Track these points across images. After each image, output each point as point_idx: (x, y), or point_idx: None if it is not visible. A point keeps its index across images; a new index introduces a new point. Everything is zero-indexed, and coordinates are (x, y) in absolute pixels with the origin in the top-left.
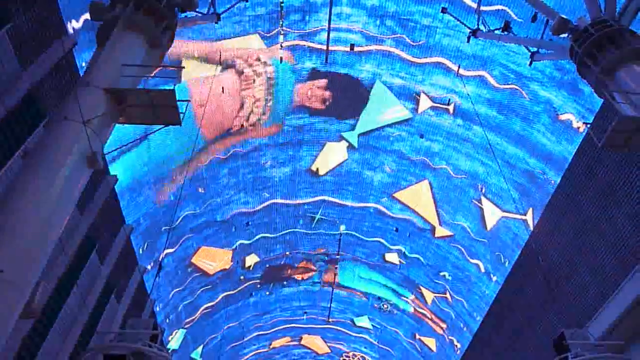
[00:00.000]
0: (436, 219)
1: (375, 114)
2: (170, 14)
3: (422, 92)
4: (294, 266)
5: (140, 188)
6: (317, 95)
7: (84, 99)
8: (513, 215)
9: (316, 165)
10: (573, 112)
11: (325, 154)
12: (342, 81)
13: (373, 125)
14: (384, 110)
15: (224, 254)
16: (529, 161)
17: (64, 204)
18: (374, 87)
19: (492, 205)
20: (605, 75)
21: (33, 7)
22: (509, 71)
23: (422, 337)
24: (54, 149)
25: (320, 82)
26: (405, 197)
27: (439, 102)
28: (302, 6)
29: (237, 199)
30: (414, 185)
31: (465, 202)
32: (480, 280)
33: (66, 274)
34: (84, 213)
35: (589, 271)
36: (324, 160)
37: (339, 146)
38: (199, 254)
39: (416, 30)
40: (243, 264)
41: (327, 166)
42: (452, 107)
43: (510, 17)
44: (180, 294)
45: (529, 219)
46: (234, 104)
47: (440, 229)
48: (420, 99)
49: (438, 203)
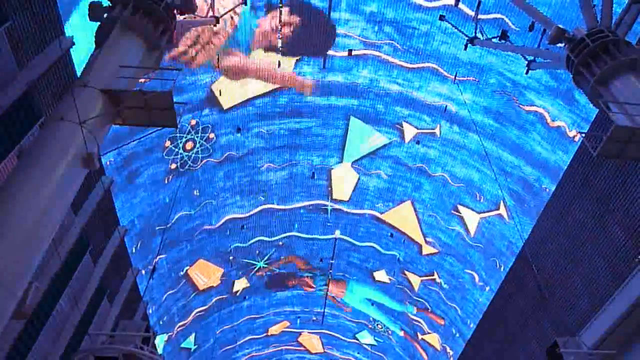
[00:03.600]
0: (421, 237)
1: (357, 146)
2: (169, 17)
3: (404, 122)
4: (291, 274)
5: (135, 189)
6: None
7: (80, 100)
8: (488, 214)
9: (336, 195)
10: (568, 121)
11: (337, 181)
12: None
13: (358, 155)
14: (365, 141)
15: (216, 271)
16: (525, 169)
17: (58, 204)
18: (350, 122)
19: (469, 210)
20: (600, 85)
21: (31, 6)
22: (505, 79)
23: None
24: (50, 149)
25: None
26: (391, 218)
27: (423, 128)
28: None
29: (233, 202)
30: (398, 206)
31: (446, 213)
32: (474, 287)
33: (59, 275)
34: (78, 214)
35: (582, 279)
36: (340, 188)
37: (345, 168)
38: (196, 266)
39: (414, 37)
40: (231, 288)
41: (348, 191)
42: (438, 129)
43: (508, 25)
44: (173, 296)
45: (503, 213)
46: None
47: (427, 247)
48: (404, 129)
49: (421, 221)
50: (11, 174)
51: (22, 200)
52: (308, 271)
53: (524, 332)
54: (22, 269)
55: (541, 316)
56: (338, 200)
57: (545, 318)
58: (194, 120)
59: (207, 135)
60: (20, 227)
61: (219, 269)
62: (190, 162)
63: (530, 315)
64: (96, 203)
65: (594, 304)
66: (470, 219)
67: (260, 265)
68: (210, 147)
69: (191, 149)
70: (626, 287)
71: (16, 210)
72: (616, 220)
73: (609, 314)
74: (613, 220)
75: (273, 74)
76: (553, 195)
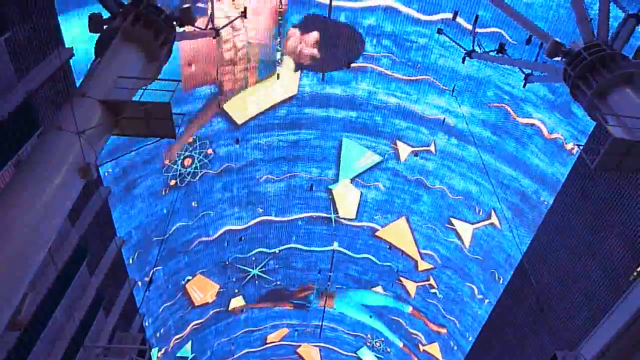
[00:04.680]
0: (417, 253)
1: (351, 165)
2: (169, 28)
3: (397, 140)
4: (288, 288)
5: (132, 200)
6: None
7: (79, 110)
8: (481, 224)
9: (343, 213)
10: (566, 134)
11: (341, 200)
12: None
13: (352, 174)
14: (357, 160)
15: (213, 287)
16: (523, 182)
17: (55, 214)
18: (342, 143)
19: (462, 222)
20: (597, 98)
21: (31, 17)
22: (503, 92)
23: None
24: (47, 159)
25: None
26: (387, 235)
27: (418, 145)
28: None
29: (231, 213)
30: (394, 222)
31: (443, 225)
32: (473, 300)
33: (55, 286)
34: (75, 224)
35: (581, 292)
36: (344, 206)
37: (345, 185)
38: (194, 281)
39: (412, 50)
40: (227, 305)
41: (353, 208)
42: (433, 146)
43: (505, 39)
44: (170, 309)
45: (495, 222)
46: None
47: (423, 263)
48: (399, 148)
49: (417, 236)
50: (8, 184)
51: (18, 210)
52: (306, 284)
53: (524, 346)
54: (17, 279)
55: (540, 329)
56: (345, 219)
57: (544, 331)
58: (191, 137)
59: (205, 150)
60: (16, 237)
61: (216, 285)
62: (190, 178)
63: (530, 328)
64: (94, 213)
65: (593, 317)
66: (464, 230)
67: (255, 273)
68: (208, 163)
69: (190, 164)
70: (625, 300)
71: (12, 220)
72: (614, 233)
73: (608, 327)
74: (611, 233)
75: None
76: (551, 208)
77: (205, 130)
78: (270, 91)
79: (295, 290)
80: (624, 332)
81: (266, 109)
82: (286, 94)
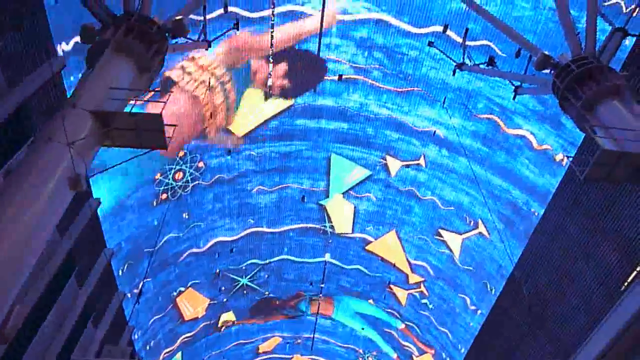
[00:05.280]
0: (407, 267)
1: (340, 180)
2: (161, 39)
3: (387, 155)
4: (280, 298)
5: (123, 211)
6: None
7: (69, 121)
8: (469, 234)
9: (339, 229)
10: (555, 145)
11: (336, 215)
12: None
13: (342, 189)
14: (347, 175)
15: (203, 301)
16: (513, 193)
17: (44, 225)
18: (331, 159)
19: (450, 233)
20: (586, 109)
21: (23, 27)
22: (493, 104)
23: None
24: (37, 170)
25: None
26: (377, 249)
27: (407, 159)
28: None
29: (222, 224)
30: (384, 236)
31: (429, 239)
32: (466, 311)
33: (43, 298)
34: (64, 235)
35: (574, 302)
36: (340, 222)
37: (338, 201)
38: (185, 294)
39: (403, 63)
40: (218, 320)
41: (349, 223)
42: (423, 160)
43: (495, 52)
44: (160, 321)
45: (482, 231)
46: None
47: (413, 276)
48: (388, 163)
49: (408, 249)
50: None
51: (7, 221)
52: (297, 295)
53: (516, 357)
54: (5, 291)
55: (533, 340)
56: (342, 234)
57: (536, 342)
58: (182, 151)
59: (197, 164)
60: (4, 249)
61: (206, 299)
62: (181, 191)
63: (522, 339)
64: (83, 225)
65: (587, 327)
66: (453, 241)
67: (245, 282)
68: (200, 176)
69: (181, 178)
70: (620, 306)
71: (0, 231)
72: (607, 240)
73: (603, 333)
74: (604, 240)
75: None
76: (544, 216)
77: (196, 143)
78: (264, 107)
79: (287, 299)
80: (620, 338)
81: (265, 120)
82: (283, 105)
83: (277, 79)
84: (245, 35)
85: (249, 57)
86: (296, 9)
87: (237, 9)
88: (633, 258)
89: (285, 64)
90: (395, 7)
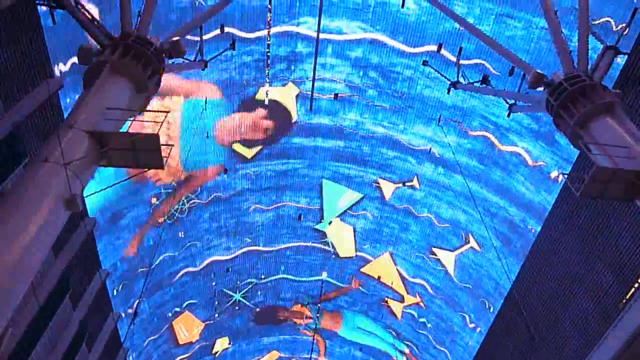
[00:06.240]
0: (403, 288)
1: (334, 204)
2: (158, 60)
3: (379, 178)
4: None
5: (118, 231)
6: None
7: (66, 141)
8: (460, 250)
9: (342, 253)
10: (550, 162)
11: (337, 240)
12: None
13: (335, 213)
14: (339, 199)
15: (198, 325)
16: (510, 210)
17: (39, 246)
18: (323, 184)
19: (443, 251)
20: (579, 127)
21: (20, 47)
22: (488, 122)
23: None
24: (32, 190)
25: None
26: (372, 271)
27: (401, 180)
28: (288, 56)
29: (218, 244)
30: (378, 258)
31: (426, 257)
32: (464, 330)
33: (36, 320)
34: (59, 256)
35: (571, 321)
36: (342, 247)
37: (337, 224)
38: (181, 318)
39: (398, 82)
40: (212, 347)
41: (351, 246)
42: (417, 181)
43: (489, 70)
44: (155, 343)
45: (474, 245)
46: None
47: (409, 298)
48: (382, 187)
49: (405, 268)
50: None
51: (1, 242)
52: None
53: None
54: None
55: (532, 358)
56: (345, 258)
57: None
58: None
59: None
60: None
61: (201, 324)
62: (178, 214)
63: (522, 357)
64: (78, 245)
65: (585, 346)
66: (446, 258)
67: (237, 298)
68: (196, 198)
69: (178, 201)
70: (615, 328)
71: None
72: (602, 260)
73: (599, 356)
74: (599, 260)
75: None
76: (539, 236)
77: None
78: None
79: (292, 307)
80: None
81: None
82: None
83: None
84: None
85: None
86: (291, 30)
87: (234, 29)
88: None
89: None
90: (389, 27)
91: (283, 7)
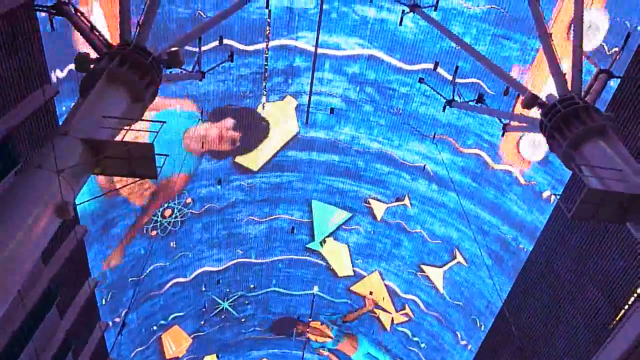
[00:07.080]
0: (392, 307)
1: (324, 223)
2: (156, 70)
3: (370, 198)
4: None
5: (109, 240)
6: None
7: (60, 148)
8: (448, 265)
9: (341, 272)
10: (543, 182)
11: (334, 259)
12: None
13: (327, 232)
14: (329, 218)
15: (186, 340)
16: (502, 228)
17: (28, 253)
18: (313, 205)
19: (431, 267)
20: (572, 148)
21: (17, 53)
22: (482, 140)
23: None
24: (23, 197)
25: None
26: (360, 289)
27: (392, 201)
28: (285, 69)
29: (209, 255)
30: (366, 277)
31: (415, 274)
32: (454, 348)
33: (22, 328)
34: (48, 263)
35: (563, 340)
36: (340, 266)
37: (331, 244)
38: (170, 332)
39: (394, 98)
40: (202, 358)
41: (349, 264)
42: (408, 200)
43: (484, 90)
44: (142, 354)
45: (461, 260)
46: None
47: (398, 316)
48: (373, 207)
49: (397, 284)
50: None
51: None
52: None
53: None
54: None
55: None
56: (345, 276)
57: None
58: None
59: (185, 200)
60: None
61: (189, 339)
62: (171, 227)
63: None
64: (68, 253)
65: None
66: (434, 275)
67: (225, 306)
68: (189, 212)
69: (170, 215)
70: (606, 349)
71: None
72: (594, 282)
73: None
74: (590, 281)
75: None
76: (531, 255)
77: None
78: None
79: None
80: None
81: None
82: (289, 135)
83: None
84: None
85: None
86: (290, 43)
87: (232, 41)
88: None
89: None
90: (387, 44)
91: (282, 21)
